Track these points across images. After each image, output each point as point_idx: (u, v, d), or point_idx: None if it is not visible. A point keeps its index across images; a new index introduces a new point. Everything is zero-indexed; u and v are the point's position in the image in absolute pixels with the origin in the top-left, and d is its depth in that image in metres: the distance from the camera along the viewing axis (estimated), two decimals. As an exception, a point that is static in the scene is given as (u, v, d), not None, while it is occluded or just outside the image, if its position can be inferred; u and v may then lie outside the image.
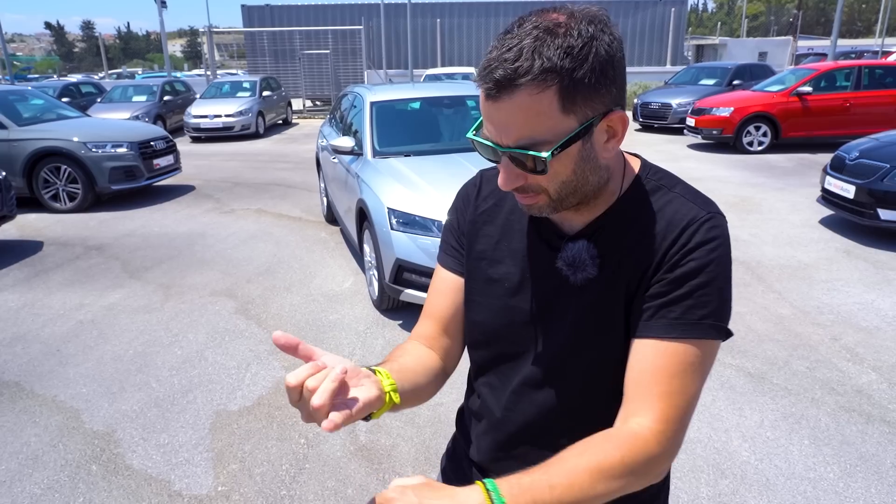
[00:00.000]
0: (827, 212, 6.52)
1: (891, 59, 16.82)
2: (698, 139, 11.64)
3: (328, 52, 19.98)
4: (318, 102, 21.75)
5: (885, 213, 5.40)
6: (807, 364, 3.57)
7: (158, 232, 6.82)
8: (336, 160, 5.58)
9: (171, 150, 8.91)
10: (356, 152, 4.92)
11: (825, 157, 10.06)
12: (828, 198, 6.14)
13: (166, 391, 3.47)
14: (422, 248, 3.87)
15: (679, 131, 13.03)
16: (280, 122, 17.47)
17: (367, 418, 0.83)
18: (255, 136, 15.04)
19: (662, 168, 0.96)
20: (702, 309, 0.84)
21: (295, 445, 2.95)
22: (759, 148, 10.55)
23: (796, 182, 8.47)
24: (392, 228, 3.99)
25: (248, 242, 6.31)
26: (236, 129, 14.58)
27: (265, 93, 15.99)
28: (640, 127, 14.41)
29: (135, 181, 8.16)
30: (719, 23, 71.57)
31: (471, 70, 16.10)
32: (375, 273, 4.41)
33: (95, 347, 4.04)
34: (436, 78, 15.48)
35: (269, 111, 16.15)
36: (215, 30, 20.13)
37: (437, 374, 1.04)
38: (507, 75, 0.75)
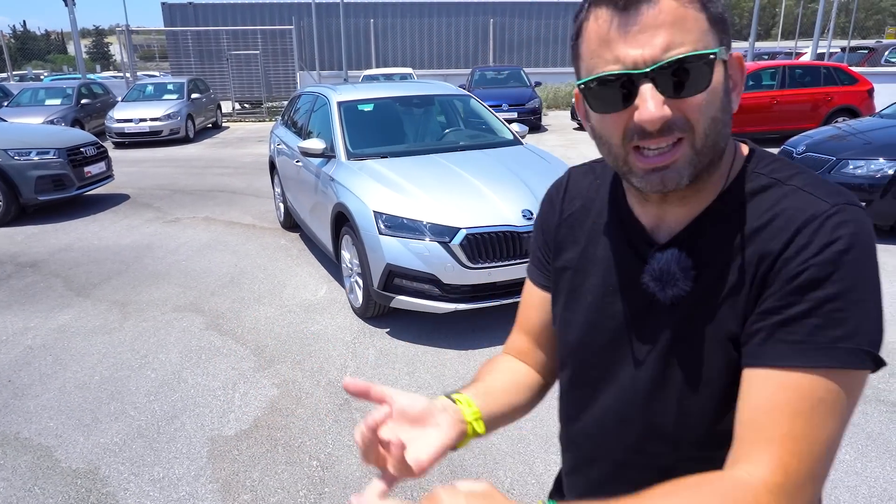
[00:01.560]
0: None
1: (803, 59, 18.02)
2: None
3: (257, 52, 19.31)
4: (246, 105, 21.00)
5: (834, 203, 5.71)
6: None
7: (99, 245, 6.31)
8: (300, 163, 5.34)
9: (103, 156, 8.30)
10: (328, 154, 4.71)
11: (757, 152, 10.62)
12: (776, 190, 6.44)
13: (148, 419, 3.17)
14: (413, 252, 3.73)
15: (616, 129, 13.40)
16: (210, 125, 16.72)
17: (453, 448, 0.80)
18: (185, 140, 14.31)
19: (777, 155, 0.79)
20: (834, 328, 0.66)
21: (307, 468, 2.75)
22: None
23: None
24: (380, 233, 3.83)
25: (202, 253, 5.94)
26: (164, 134, 13.81)
27: (194, 95, 15.25)
28: (577, 126, 14.75)
29: (64, 191, 7.53)
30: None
31: (409, 71, 15.96)
32: (358, 280, 4.22)
33: (54, 375, 3.65)
34: (374, 79, 15.24)
35: (199, 114, 15.42)
36: (134, 29, 19.01)
37: (532, 388, 0.99)
38: None
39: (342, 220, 4.36)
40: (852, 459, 2.71)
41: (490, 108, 5.67)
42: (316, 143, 4.72)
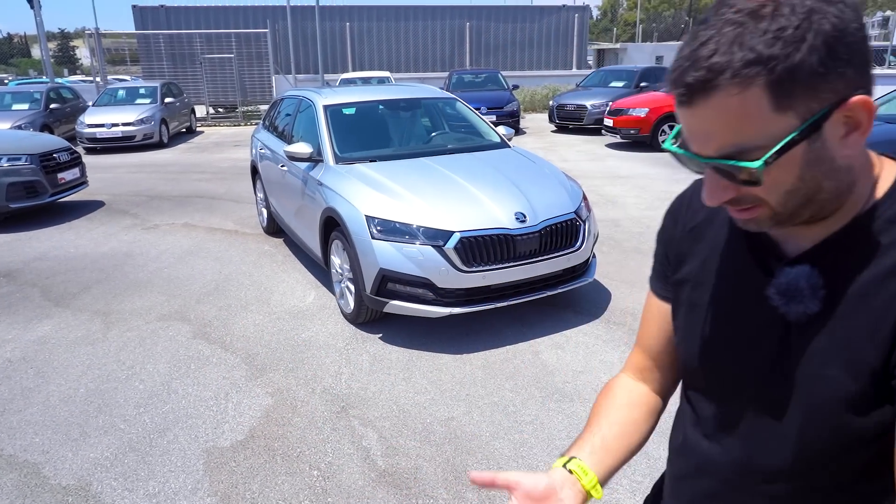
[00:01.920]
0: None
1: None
2: (616, 139, 12.14)
3: (232, 56, 19.06)
4: (220, 109, 20.71)
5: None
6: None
7: (76, 253, 6.14)
8: (286, 168, 5.26)
9: (77, 162, 8.09)
10: (315, 159, 4.65)
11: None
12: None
13: (139, 432, 3.08)
14: (407, 257, 3.70)
15: (594, 132, 13.54)
16: (184, 130, 16.44)
17: None
18: (160, 145, 14.04)
19: None
20: None
21: (308, 478, 2.70)
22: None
23: None
24: (373, 237, 3.78)
25: (185, 260, 5.82)
26: (138, 139, 13.53)
27: (167, 99, 14.97)
28: (555, 128, 14.85)
29: (37, 198, 7.32)
30: (615, 29, 75.65)
31: (387, 74, 15.90)
32: (349, 285, 4.17)
33: (36, 389, 3.53)
34: (351, 82, 15.15)
35: (173, 119, 15.15)
36: (103, 32, 18.63)
37: (651, 412, 1.00)
38: (701, 77, 0.62)
39: (332, 225, 4.31)
40: None
41: (476, 111, 5.66)
42: (303, 148, 4.65)
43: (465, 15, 22.39)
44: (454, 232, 3.68)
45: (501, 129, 5.36)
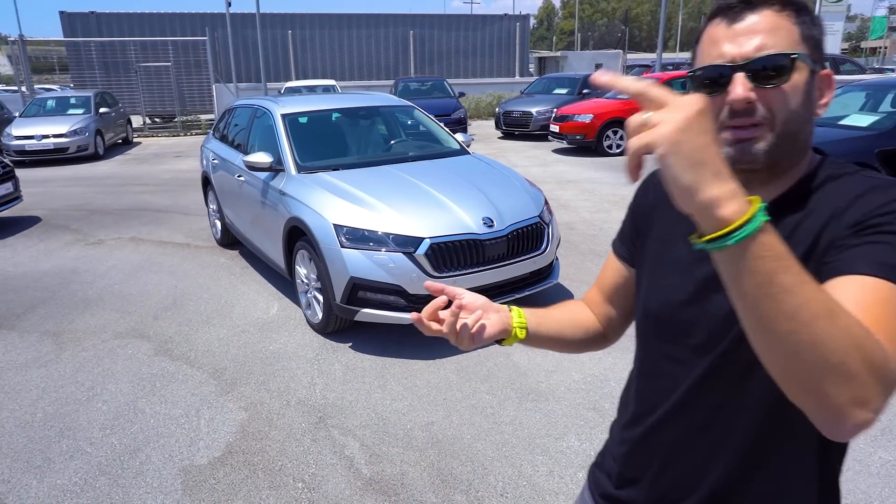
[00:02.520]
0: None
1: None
2: (562, 144, 12.44)
3: (169, 64, 18.47)
4: (157, 119, 20.04)
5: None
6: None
7: (15, 272, 5.83)
8: (243, 178, 5.17)
9: (9, 176, 7.68)
10: (276, 168, 4.59)
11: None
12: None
13: (107, 454, 2.96)
14: (378, 264, 3.70)
15: (540, 138, 13.83)
16: (120, 141, 15.82)
17: (499, 342, 1.06)
18: (95, 157, 13.47)
19: (847, 161, 0.92)
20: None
21: (293, 491, 2.66)
22: (618, 150, 11.54)
23: None
24: (342, 246, 3.77)
25: (136, 275, 5.61)
26: (71, 151, 12.94)
27: (102, 109, 14.38)
28: (502, 135, 15.09)
29: (-32, 215, 6.91)
30: (553, 37, 77.34)
31: (332, 83, 15.76)
32: (317, 295, 4.13)
33: (-12, 415, 3.34)
34: (296, 91, 14.95)
35: (108, 130, 14.56)
36: (28, 39, 17.68)
37: (588, 332, 1.17)
38: None
39: (296, 235, 4.26)
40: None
41: (434, 119, 5.72)
42: (262, 157, 4.58)
43: (408, 23, 22.46)
44: (424, 238, 3.71)
45: (460, 136, 5.43)
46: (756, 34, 0.83)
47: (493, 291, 3.94)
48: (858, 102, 7.09)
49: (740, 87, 0.82)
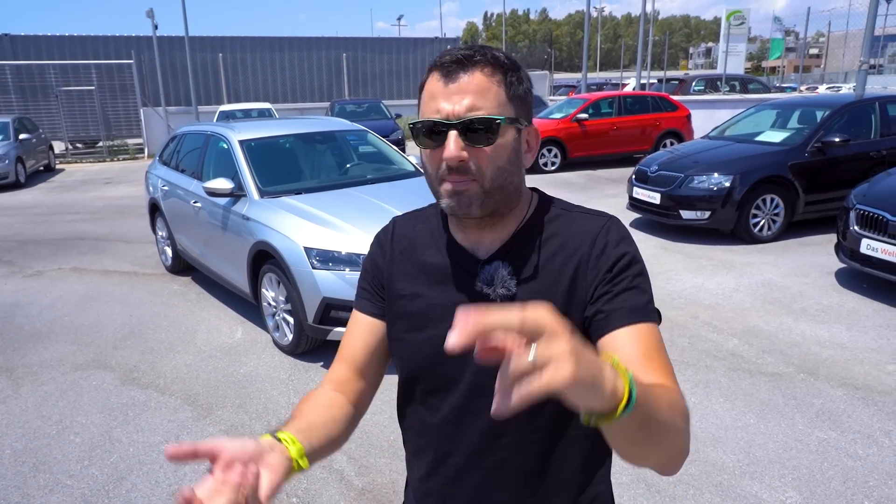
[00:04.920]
0: (635, 216, 7.77)
1: (627, 89, 20.44)
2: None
3: (93, 88, 17.80)
4: (80, 145, 19.21)
5: (686, 214, 6.67)
6: (687, 340, 4.31)
7: (-50, 308, 5.54)
8: (199, 204, 5.17)
9: (-68, 208, 7.26)
10: (237, 194, 4.64)
11: (605, 173, 11.89)
12: (636, 204, 7.35)
13: (90, 485, 2.94)
14: (350, 283, 3.82)
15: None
16: (41, 168, 15.10)
17: None
18: (17, 185, 12.82)
19: (556, 197, 1.06)
20: (643, 295, 0.92)
21: (289, 506, 2.74)
22: (553, 168, 12.06)
23: (595, 194, 9.88)
24: (313, 268, 3.87)
25: (86, 306, 5.47)
26: (-10, 180, 12.27)
27: (22, 135, 13.71)
28: (440, 155, 15.38)
29: None
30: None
31: (268, 106, 15.65)
32: (286, 317, 4.20)
33: (-49, 456, 3.22)
34: (230, 115, 14.76)
35: (30, 156, 13.89)
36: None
37: (347, 420, 1.05)
38: (467, 55, 0.90)
39: (262, 259, 4.32)
40: (756, 421, 3.27)
41: (387, 141, 5.90)
42: (223, 184, 4.62)
43: (341, 46, 22.58)
44: (394, 257, 3.86)
45: (413, 159, 5.63)
46: (467, 94, 0.88)
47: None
48: (770, 120, 7.80)
49: (453, 145, 0.88)
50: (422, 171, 5.35)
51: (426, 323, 1.00)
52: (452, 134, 0.88)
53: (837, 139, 6.59)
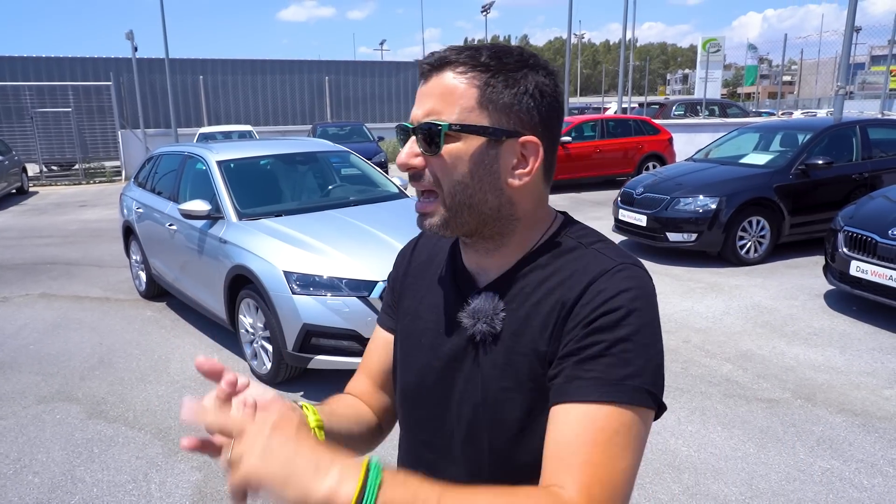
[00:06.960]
0: (621, 238, 7.70)
1: (608, 112, 20.66)
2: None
3: (69, 110, 17.53)
4: (55, 167, 18.86)
5: (672, 236, 6.61)
6: (680, 365, 4.19)
7: None
8: (175, 227, 4.98)
9: None
10: (214, 216, 4.46)
11: (589, 195, 11.89)
12: (622, 226, 7.29)
13: (48, 531, 2.71)
14: (332, 310, 3.66)
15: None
16: (14, 191, 14.74)
17: None
18: (-13, 209, 12.46)
19: (588, 226, 0.91)
20: (624, 368, 0.73)
21: (265, 552, 2.53)
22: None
23: (579, 217, 9.46)
24: (293, 293, 3.70)
25: (53, 333, 5.21)
26: (-40, 203, 11.91)
27: (-6, 158, 13.40)
28: (423, 177, 15.32)
29: None
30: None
31: (249, 128, 15.51)
32: (265, 344, 4.01)
33: None
34: (211, 137, 14.59)
35: (2, 179, 13.55)
36: None
37: (370, 426, 1.02)
38: (443, 56, 0.81)
39: (240, 284, 4.14)
40: (756, 451, 3.14)
41: (370, 163, 5.78)
42: (199, 205, 4.45)
43: (323, 69, 22.59)
44: (378, 281, 3.71)
45: (397, 180, 5.51)
46: (430, 98, 0.81)
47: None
48: (753, 143, 7.84)
49: (406, 150, 0.82)
50: (406, 193, 5.27)
51: (417, 348, 0.94)
52: (411, 139, 0.83)
53: (821, 161, 6.61)
